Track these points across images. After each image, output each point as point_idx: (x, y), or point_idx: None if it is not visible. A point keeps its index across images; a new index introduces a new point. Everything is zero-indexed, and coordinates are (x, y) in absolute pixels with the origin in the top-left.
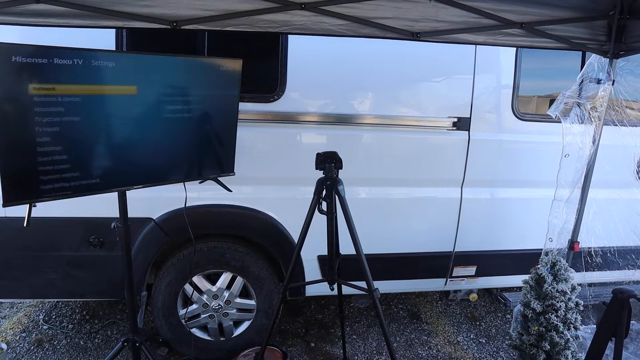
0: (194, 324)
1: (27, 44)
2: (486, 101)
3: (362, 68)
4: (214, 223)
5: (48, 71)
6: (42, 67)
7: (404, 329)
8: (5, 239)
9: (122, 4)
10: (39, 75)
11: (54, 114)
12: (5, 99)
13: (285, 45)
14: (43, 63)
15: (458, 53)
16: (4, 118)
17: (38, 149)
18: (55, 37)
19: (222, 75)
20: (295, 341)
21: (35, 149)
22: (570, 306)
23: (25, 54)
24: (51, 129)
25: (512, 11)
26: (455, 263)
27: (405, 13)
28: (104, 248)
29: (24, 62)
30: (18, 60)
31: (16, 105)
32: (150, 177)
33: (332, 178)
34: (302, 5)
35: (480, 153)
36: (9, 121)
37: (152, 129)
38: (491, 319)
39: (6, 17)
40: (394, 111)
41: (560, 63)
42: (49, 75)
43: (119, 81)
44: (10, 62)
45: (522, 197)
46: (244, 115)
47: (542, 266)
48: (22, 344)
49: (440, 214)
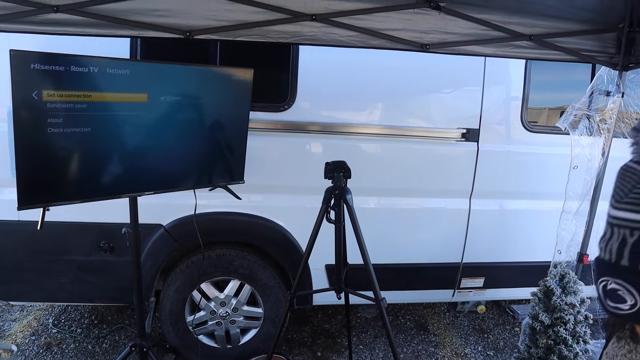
0: (201, 331)
1: (45, 52)
2: (495, 113)
3: (372, 78)
4: (223, 230)
5: (64, 78)
6: (59, 75)
7: (411, 340)
8: (18, 242)
9: (138, 14)
10: (55, 82)
11: (69, 120)
12: (22, 105)
13: (296, 56)
14: (60, 70)
15: (467, 64)
16: (20, 123)
17: (53, 154)
18: (71, 45)
19: (234, 84)
20: (302, 350)
21: (50, 155)
22: (580, 319)
23: (43, 62)
24: (65, 135)
25: (521, 23)
26: (463, 274)
27: (415, 25)
28: (114, 253)
29: (42, 69)
30: (36, 68)
31: (32, 111)
32: (161, 184)
33: (340, 187)
34: (312, 16)
35: (489, 164)
36: (25, 127)
37: (163, 136)
38: (499, 331)
39: (26, 26)
40: (403, 122)
41: (570, 75)
42: (65, 82)
43: (132, 89)
44: (29, 69)
45: (531, 208)
46: (254, 124)
47: (550, 278)
48: (31, 347)
49: (449, 224)
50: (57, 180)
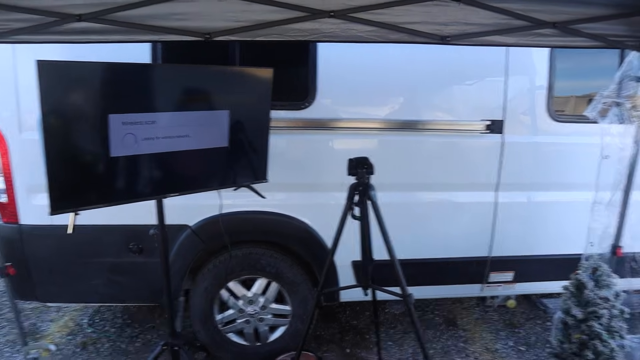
0: (230, 329)
1: (71, 61)
2: (520, 103)
3: (392, 73)
4: (249, 229)
5: (90, 85)
6: (86, 82)
7: (440, 336)
8: (51, 246)
9: (158, 18)
10: (82, 89)
11: (100, 127)
12: (50, 113)
13: (315, 53)
14: (86, 78)
15: (489, 55)
16: (49, 131)
17: (83, 162)
18: (99, 52)
19: (254, 84)
20: (331, 347)
21: (81, 162)
22: (615, 313)
23: (69, 70)
24: (97, 142)
25: (544, 11)
26: (491, 268)
27: (434, 17)
28: (143, 254)
29: (69, 77)
30: (63, 76)
31: (65, 119)
32: (187, 185)
33: (364, 183)
34: (331, 13)
35: (514, 156)
36: (53, 134)
37: (188, 138)
38: (530, 326)
39: (50, 36)
40: (426, 115)
41: (597, 61)
42: (91, 89)
43: (156, 92)
44: (56, 78)
45: (560, 200)
46: (276, 123)
47: (582, 271)
48: (68, 346)
49: (475, 218)
50: (86, 185)
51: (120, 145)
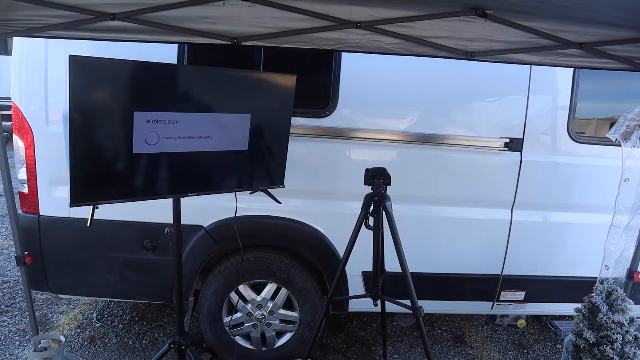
0: (237, 332)
1: (102, 57)
2: (540, 122)
3: (413, 86)
4: (262, 233)
5: (119, 83)
6: (114, 79)
7: (447, 352)
8: (67, 238)
9: (188, 20)
10: (111, 86)
11: (124, 123)
12: (78, 108)
13: (338, 63)
14: (115, 75)
15: (512, 72)
16: (75, 125)
17: (106, 156)
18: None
19: (277, 90)
20: (336, 356)
21: (104, 156)
22: (628, 339)
23: (100, 67)
24: (120, 138)
25: (571, 31)
26: (503, 287)
27: (460, 32)
28: (156, 252)
29: (99, 74)
30: (93, 72)
31: (92, 114)
32: (205, 186)
33: (380, 194)
34: (357, 24)
35: (532, 175)
36: (79, 129)
37: (208, 139)
38: (540, 347)
39: (84, 32)
40: (445, 130)
41: (622, 84)
42: (119, 86)
43: (181, 93)
44: (86, 74)
45: (577, 222)
46: (295, 130)
47: (596, 295)
48: (76, 339)
49: (489, 235)
50: (107, 179)
51: (143, 142)
